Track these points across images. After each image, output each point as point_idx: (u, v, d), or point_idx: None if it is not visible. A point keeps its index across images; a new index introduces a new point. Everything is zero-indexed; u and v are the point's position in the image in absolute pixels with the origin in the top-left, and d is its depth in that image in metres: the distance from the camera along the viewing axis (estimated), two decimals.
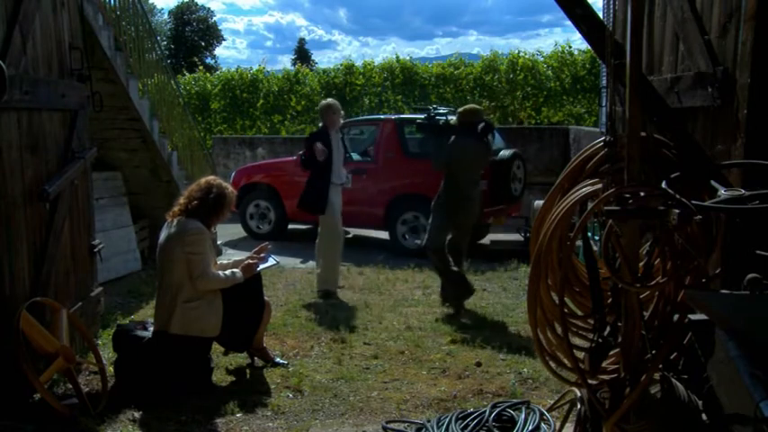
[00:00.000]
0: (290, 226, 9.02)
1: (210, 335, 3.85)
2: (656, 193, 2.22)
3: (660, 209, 2.18)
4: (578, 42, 19.30)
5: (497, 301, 5.76)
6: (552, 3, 2.56)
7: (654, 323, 2.52)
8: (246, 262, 4.07)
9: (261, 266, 4.12)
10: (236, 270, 3.95)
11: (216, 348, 4.12)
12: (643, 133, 2.37)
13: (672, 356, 2.50)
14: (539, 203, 4.68)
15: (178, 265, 3.73)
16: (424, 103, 12.01)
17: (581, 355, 2.60)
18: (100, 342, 4.48)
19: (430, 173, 7.72)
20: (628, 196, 2.27)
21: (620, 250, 2.32)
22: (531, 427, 3.04)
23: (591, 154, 2.65)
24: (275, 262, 4.32)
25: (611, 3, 3.45)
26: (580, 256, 2.99)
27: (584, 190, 2.56)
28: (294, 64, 27.86)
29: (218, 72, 17.14)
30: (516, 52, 14.07)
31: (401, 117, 8.65)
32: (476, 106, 5.85)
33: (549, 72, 13.80)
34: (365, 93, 14.19)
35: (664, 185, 2.21)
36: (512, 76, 13.80)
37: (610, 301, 2.57)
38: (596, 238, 4.30)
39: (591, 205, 2.45)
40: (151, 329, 3.88)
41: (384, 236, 8.42)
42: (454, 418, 3.18)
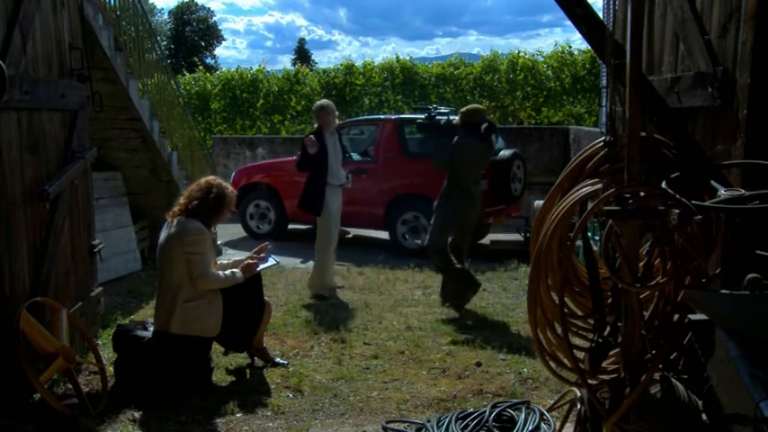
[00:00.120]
0: (290, 226, 9.02)
1: (210, 335, 3.85)
2: (656, 193, 2.22)
3: (660, 209, 2.18)
4: (578, 42, 19.32)
5: (497, 301, 5.76)
6: (552, 3, 2.56)
7: (654, 323, 2.52)
8: (246, 262, 4.07)
9: (261, 266, 4.12)
10: (236, 270, 3.96)
11: (216, 348, 4.12)
12: (643, 133, 2.37)
13: (672, 356, 2.50)
14: (539, 203, 4.68)
15: (178, 264, 3.73)
16: (423, 102, 12.01)
17: (581, 355, 2.60)
18: (100, 342, 4.48)
19: (430, 173, 7.73)
20: (628, 196, 2.27)
21: (620, 250, 2.32)
22: (531, 427, 3.04)
23: (591, 154, 2.65)
24: (275, 262, 4.32)
25: (611, 3, 3.45)
26: (580, 256, 3.00)
27: (584, 190, 2.56)
28: (294, 64, 27.87)
29: (218, 72, 17.15)
30: (516, 52, 14.07)
31: (401, 117, 8.65)
32: (479, 106, 5.81)
33: (549, 72, 13.79)
34: (365, 93, 14.19)
35: (664, 185, 2.21)
36: (512, 76, 13.80)
37: (610, 301, 2.57)
38: (596, 238, 4.30)
39: (591, 205, 2.45)
40: (151, 329, 3.89)
41: (384, 236, 8.42)
42: (454, 418, 3.18)
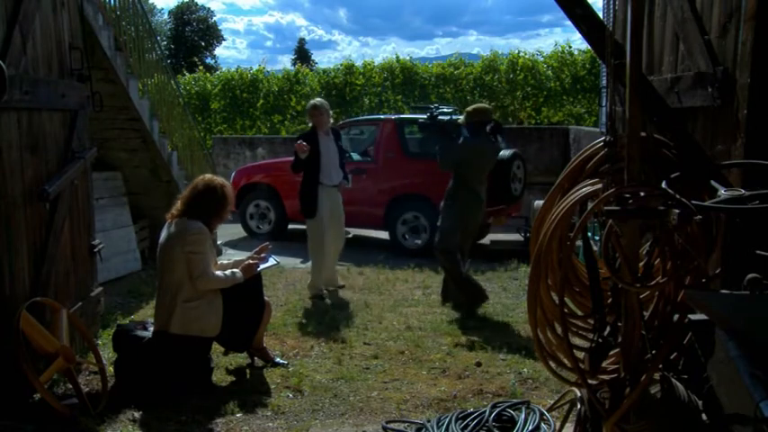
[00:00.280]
0: (290, 226, 9.01)
1: (210, 335, 3.85)
2: (656, 193, 2.22)
3: (660, 209, 2.18)
4: (578, 42, 19.32)
5: (497, 301, 5.76)
6: (552, 3, 2.56)
7: (654, 323, 2.52)
8: (247, 262, 4.07)
9: (261, 266, 4.12)
10: (236, 270, 3.95)
11: (216, 348, 4.12)
12: (643, 133, 2.37)
13: (672, 356, 2.50)
14: (539, 203, 4.68)
15: (178, 264, 3.73)
16: (423, 103, 12.01)
17: (581, 355, 2.60)
18: (100, 342, 4.48)
19: (430, 173, 7.75)
20: (628, 196, 2.27)
21: (620, 250, 2.32)
22: (531, 427, 3.04)
23: (591, 154, 2.65)
24: (275, 262, 4.32)
25: (611, 3, 3.45)
26: (580, 256, 3.00)
27: (584, 190, 2.56)
28: (294, 64, 27.86)
29: (218, 72, 17.15)
30: (516, 52, 14.07)
31: (401, 117, 8.65)
32: (484, 105, 5.70)
33: (549, 72, 13.79)
34: (365, 93, 14.19)
35: (664, 185, 2.21)
36: (512, 76, 13.80)
37: (610, 301, 2.57)
38: (596, 238, 4.30)
39: (591, 205, 2.45)
40: (151, 329, 3.89)
41: (384, 236, 8.42)
42: (454, 418, 3.18)
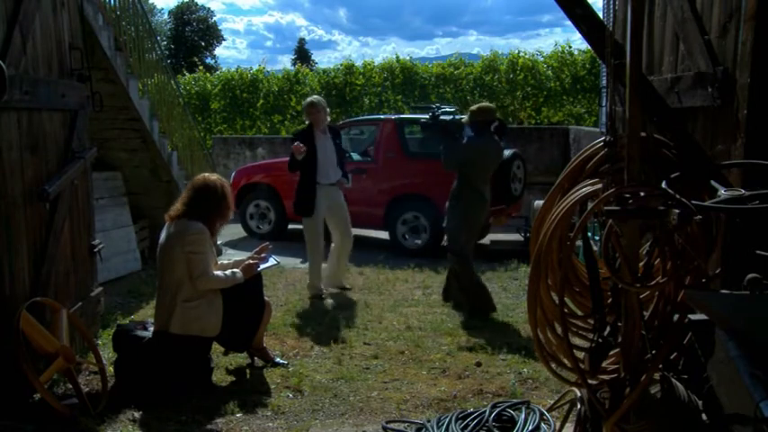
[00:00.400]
0: (290, 226, 9.01)
1: (210, 334, 3.85)
2: (656, 193, 2.22)
3: (660, 209, 2.18)
4: (578, 42, 19.33)
5: (497, 301, 5.75)
6: (552, 3, 2.56)
7: (654, 323, 2.52)
8: (247, 262, 4.06)
9: (261, 266, 4.12)
10: (236, 270, 3.95)
11: (216, 348, 4.12)
12: (643, 133, 2.38)
13: (672, 356, 2.50)
14: (539, 203, 4.68)
15: (178, 264, 3.73)
16: (423, 102, 12.01)
17: (581, 355, 2.60)
18: (100, 342, 4.48)
19: (430, 173, 7.76)
20: (628, 196, 2.27)
21: (620, 250, 2.32)
22: (531, 427, 3.04)
23: (591, 154, 2.65)
24: (275, 262, 4.32)
25: (611, 3, 3.45)
26: (580, 256, 3.00)
27: (584, 190, 2.56)
28: (294, 64, 27.86)
29: (218, 72, 17.14)
30: (516, 52, 14.06)
31: (401, 117, 8.65)
32: (489, 104, 5.65)
33: (549, 72, 13.79)
34: (365, 93, 14.18)
35: (664, 185, 2.21)
36: (512, 76, 13.80)
37: (610, 301, 2.57)
38: (596, 238, 4.30)
39: (591, 205, 2.45)
40: (151, 329, 3.89)
41: (384, 236, 8.42)
42: (454, 418, 3.18)
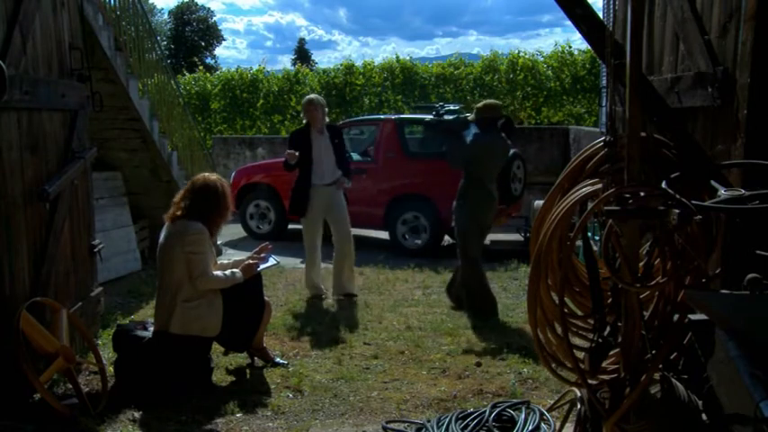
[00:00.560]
0: (290, 226, 9.01)
1: (210, 334, 3.85)
2: (656, 193, 2.22)
3: (660, 209, 2.19)
4: (578, 42, 19.31)
5: (497, 300, 5.75)
6: (552, 3, 2.56)
7: (654, 323, 2.52)
8: (247, 262, 4.06)
9: (261, 266, 4.12)
10: (236, 270, 3.95)
11: (216, 348, 4.12)
12: (643, 133, 2.38)
13: (672, 356, 2.50)
14: (539, 203, 4.67)
15: (178, 264, 3.73)
16: (424, 102, 12.01)
17: (581, 355, 2.60)
18: (100, 342, 4.48)
19: (430, 173, 7.77)
20: (628, 196, 2.27)
21: (620, 250, 2.32)
22: (531, 427, 3.04)
23: (591, 154, 2.65)
24: (275, 262, 4.32)
25: (611, 3, 3.45)
26: (580, 256, 3.00)
27: (584, 190, 2.56)
28: (294, 64, 27.85)
29: (218, 72, 17.14)
30: (516, 52, 14.06)
31: (401, 117, 8.66)
32: (495, 102, 5.55)
33: (549, 72, 13.79)
34: (365, 93, 14.18)
35: (664, 185, 2.21)
36: (512, 76, 13.80)
37: (610, 301, 2.57)
38: (596, 238, 4.30)
39: (591, 205, 2.45)
40: (151, 329, 3.88)
41: (384, 236, 8.42)
42: (454, 418, 3.18)
